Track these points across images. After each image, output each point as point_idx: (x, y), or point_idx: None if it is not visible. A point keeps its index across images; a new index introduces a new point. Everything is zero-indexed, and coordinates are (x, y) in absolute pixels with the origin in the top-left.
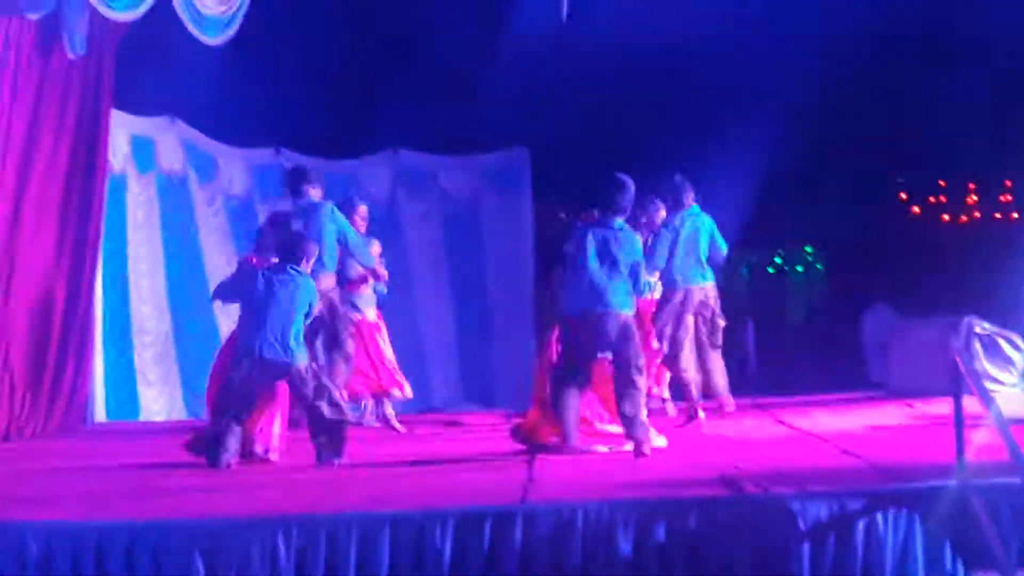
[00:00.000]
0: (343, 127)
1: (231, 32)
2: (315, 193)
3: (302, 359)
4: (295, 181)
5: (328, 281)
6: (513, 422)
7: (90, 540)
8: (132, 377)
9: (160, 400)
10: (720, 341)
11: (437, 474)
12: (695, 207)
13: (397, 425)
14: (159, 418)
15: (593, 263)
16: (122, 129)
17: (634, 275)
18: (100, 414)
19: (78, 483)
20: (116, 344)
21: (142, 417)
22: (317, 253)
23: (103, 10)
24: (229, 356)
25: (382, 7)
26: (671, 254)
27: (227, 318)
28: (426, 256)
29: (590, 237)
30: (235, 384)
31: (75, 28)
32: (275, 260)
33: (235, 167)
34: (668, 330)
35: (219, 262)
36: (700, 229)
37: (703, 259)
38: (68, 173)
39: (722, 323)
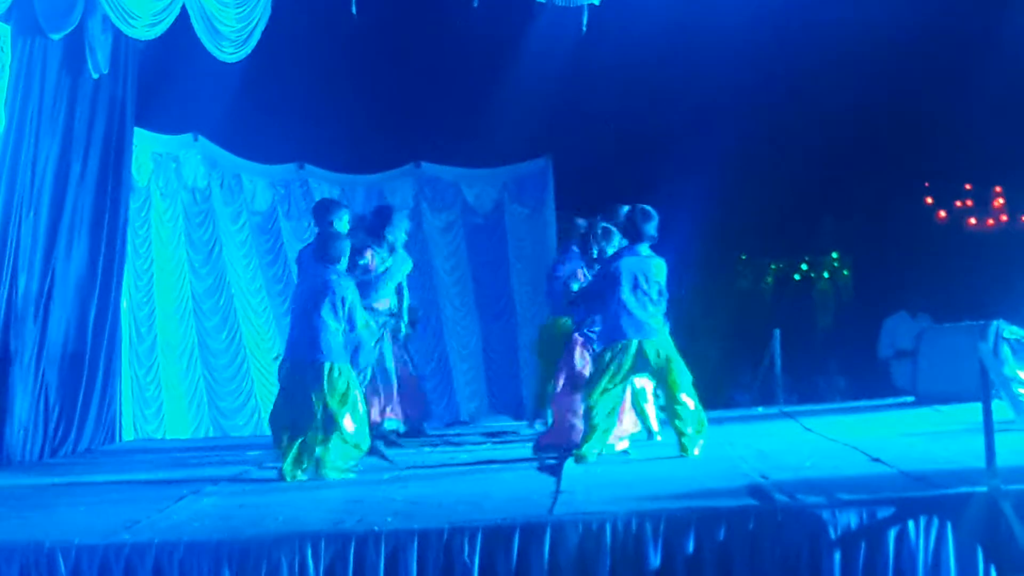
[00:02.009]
0: (365, 141)
1: (249, 49)
2: None
3: None
4: None
5: None
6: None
7: (119, 560)
8: (159, 394)
9: (186, 416)
10: None
11: (465, 487)
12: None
13: None
14: (185, 435)
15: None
16: (146, 147)
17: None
18: (127, 432)
19: (106, 502)
20: (142, 361)
21: (168, 434)
22: None
23: (124, 29)
24: None
25: (402, 21)
26: None
27: (254, 332)
28: (450, 267)
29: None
30: None
31: (97, 48)
32: None
33: (258, 183)
34: None
35: (243, 277)
36: None
37: None
38: (97, 192)
39: None
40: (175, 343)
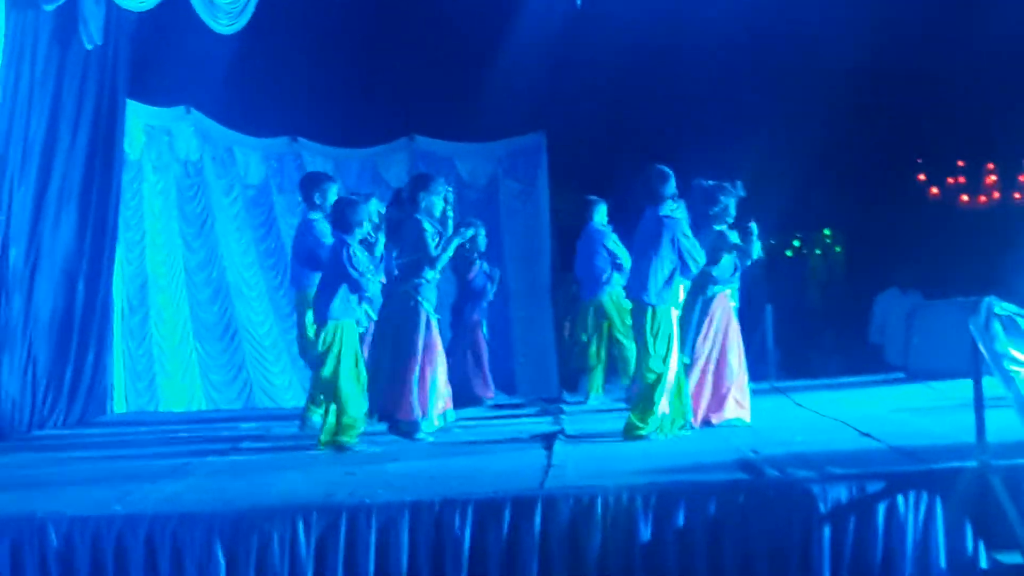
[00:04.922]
0: (359, 114)
1: (244, 21)
2: None
3: None
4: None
5: None
6: None
7: (111, 532)
8: (151, 367)
9: (179, 389)
10: None
11: (456, 461)
12: None
13: None
14: (178, 408)
15: None
16: (138, 119)
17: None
18: (119, 405)
19: (98, 474)
20: (135, 334)
21: (161, 406)
22: None
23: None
24: None
25: None
26: None
27: (246, 306)
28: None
29: None
30: None
31: (91, 18)
32: None
33: (251, 156)
34: None
35: (236, 251)
36: None
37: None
38: (87, 164)
39: None
40: (167, 316)
